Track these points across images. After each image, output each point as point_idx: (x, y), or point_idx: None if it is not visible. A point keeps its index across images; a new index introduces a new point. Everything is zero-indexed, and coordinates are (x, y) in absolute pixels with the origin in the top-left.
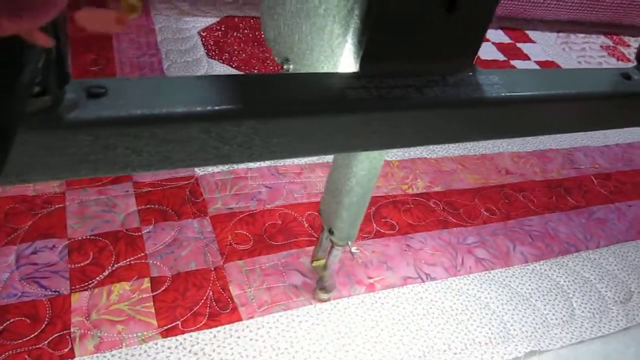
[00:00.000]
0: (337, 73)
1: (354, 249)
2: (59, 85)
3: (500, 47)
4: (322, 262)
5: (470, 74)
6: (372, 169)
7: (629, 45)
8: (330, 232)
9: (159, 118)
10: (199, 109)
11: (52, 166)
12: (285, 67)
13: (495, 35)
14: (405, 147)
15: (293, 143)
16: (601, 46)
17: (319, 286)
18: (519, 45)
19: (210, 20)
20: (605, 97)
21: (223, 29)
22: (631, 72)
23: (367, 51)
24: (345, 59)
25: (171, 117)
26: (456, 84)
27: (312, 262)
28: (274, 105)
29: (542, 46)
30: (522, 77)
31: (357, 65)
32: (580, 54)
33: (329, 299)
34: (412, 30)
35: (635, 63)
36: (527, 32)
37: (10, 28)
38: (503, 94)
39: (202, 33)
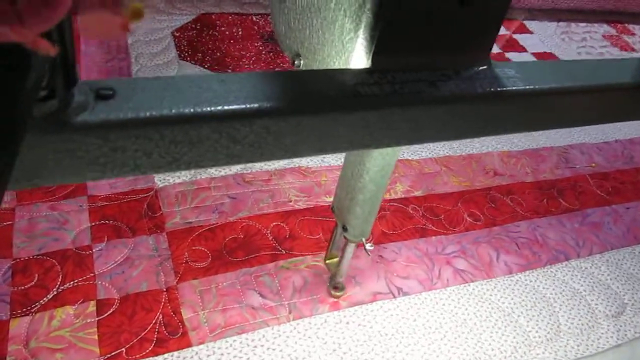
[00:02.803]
0: (349, 69)
1: (368, 246)
2: (66, 87)
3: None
4: (336, 259)
5: (486, 67)
6: (385, 166)
7: (633, 34)
8: (344, 228)
9: (168, 119)
10: (208, 109)
11: (62, 169)
12: (296, 62)
13: None
14: (421, 143)
15: (305, 141)
16: (603, 35)
17: (331, 284)
18: (515, 36)
19: (186, 19)
20: (627, 88)
21: (198, 27)
22: None
23: (379, 46)
24: (357, 54)
25: (180, 118)
26: (471, 77)
27: (325, 259)
28: (286, 104)
29: (540, 37)
30: (540, 69)
31: (369, 61)
32: (581, 45)
33: (341, 297)
34: (424, 24)
35: None
36: (524, 22)
37: (13, 37)
38: (520, 87)
39: (175, 33)
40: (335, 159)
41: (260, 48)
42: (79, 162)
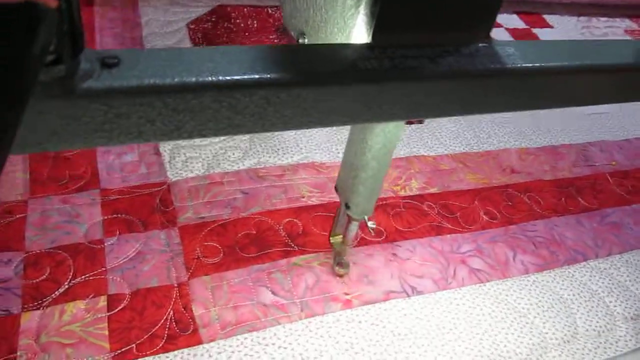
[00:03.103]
0: (349, 44)
1: (370, 224)
2: (73, 54)
3: (513, 33)
4: (340, 237)
5: (486, 45)
6: (387, 143)
7: None
8: (347, 207)
9: (171, 87)
10: (210, 78)
11: (68, 135)
12: (300, 41)
13: (508, 20)
14: (420, 118)
15: (305, 114)
16: (625, 30)
17: (336, 262)
18: (534, 30)
19: (201, 11)
20: (626, 69)
21: (213, 19)
22: None
23: (380, 22)
24: (358, 31)
25: (183, 87)
26: (471, 54)
27: (329, 238)
28: (286, 76)
29: (560, 31)
30: (541, 48)
31: (370, 37)
32: (603, 40)
33: (346, 274)
34: (425, 0)
35: None
36: (544, 16)
37: None
38: (520, 65)
39: (190, 25)
40: None
41: (276, 41)
42: (85, 127)
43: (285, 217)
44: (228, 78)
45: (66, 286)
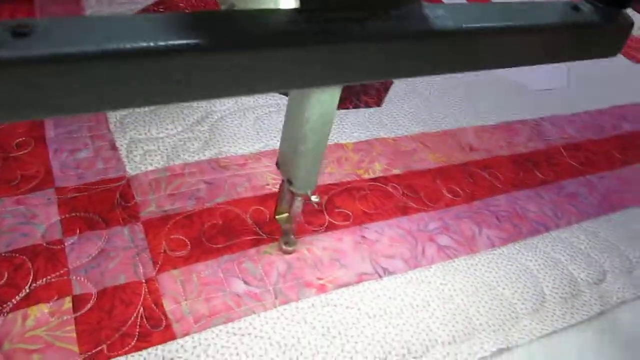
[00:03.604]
0: (275, 9)
1: (314, 198)
2: None
3: None
4: (285, 215)
5: (415, 6)
6: (324, 114)
7: None
8: (289, 182)
9: (87, 55)
10: (131, 45)
11: None
12: None
13: None
14: (351, 82)
15: (234, 80)
16: None
17: (283, 240)
18: (515, 1)
19: (148, 1)
20: (552, 29)
21: (161, 9)
22: (580, 5)
23: None
24: None
25: (100, 55)
26: (399, 17)
27: (274, 215)
28: (210, 41)
29: None
30: (470, 10)
31: (298, 1)
32: None
33: (293, 252)
34: None
35: None
36: None
37: None
38: (448, 26)
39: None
40: None
41: None
42: (0, 101)
43: (252, 206)
44: (151, 44)
45: (27, 290)
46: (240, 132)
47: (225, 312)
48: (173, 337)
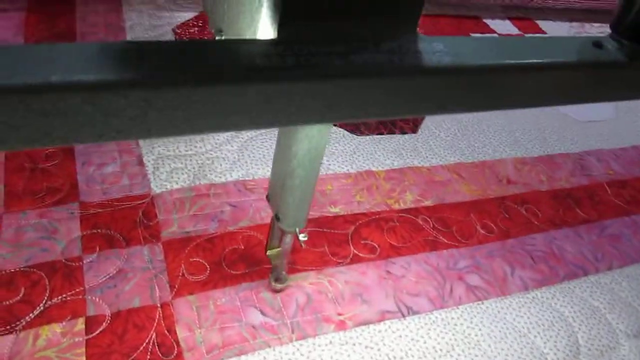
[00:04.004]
0: (249, 40)
1: (302, 237)
2: None
3: None
4: (277, 250)
5: (410, 40)
6: (312, 149)
7: None
8: (277, 217)
9: (32, 88)
10: (76, 78)
11: None
12: (217, 38)
13: (502, 26)
14: (333, 122)
15: (198, 117)
16: None
17: (273, 276)
18: (527, 36)
19: (187, 16)
20: (570, 67)
21: (200, 24)
22: (604, 41)
23: (285, 14)
24: (263, 26)
25: (46, 87)
26: (390, 50)
27: (265, 251)
28: (166, 74)
29: None
30: (474, 45)
31: (275, 32)
32: None
33: (282, 290)
34: None
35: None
36: (537, 21)
37: None
38: (445, 63)
39: (176, 30)
40: (341, 167)
41: None
42: None
43: None
44: (100, 77)
45: (41, 308)
46: (269, 154)
47: (239, 344)
48: None
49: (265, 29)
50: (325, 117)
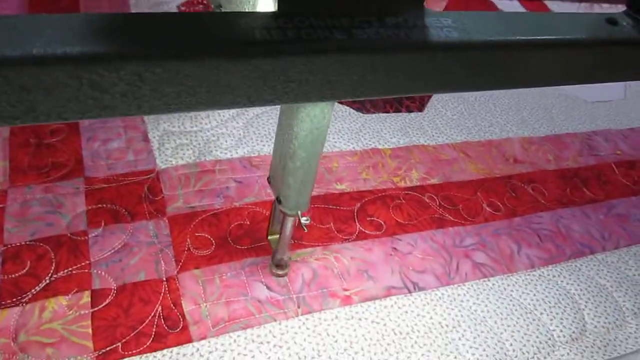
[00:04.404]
0: (249, 12)
1: (304, 220)
2: None
3: None
4: (277, 236)
5: (417, 15)
6: (314, 129)
7: None
8: (278, 200)
9: (11, 60)
10: (62, 50)
11: None
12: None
13: (509, 6)
14: (335, 99)
15: (191, 92)
16: None
17: (274, 262)
18: (538, 13)
19: None
20: (583, 45)
21: (205, 2)
22: (619, 18)
23: None
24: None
25: (28, 60)
26: (396, 25)
27: (267, 236)
28: (162, 47)
29: None
30: (484, 20)
31: (275, 3)
32: None
33: (285, 275)
34: None
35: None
36: (545, 2)
37: None
38: (453, 38)
39: (181, 7)
40: (347, 144)
41: None
42: None
43: None
44: (87, 49)
45: (47, 281)
46: (275, 130)
47: (245, 318)
48: (189, 340)
49: (264, 1)
50: (325, 94)
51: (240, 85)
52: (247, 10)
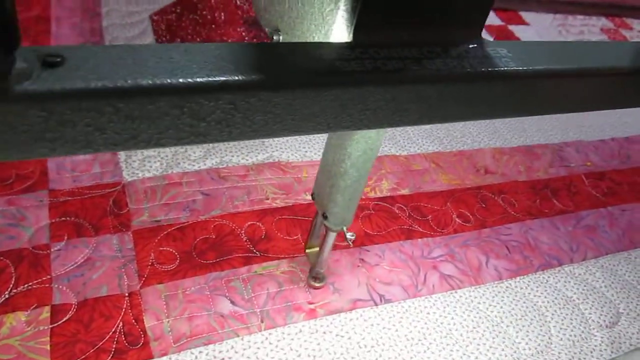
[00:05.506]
0: (327, 43)
1: (349, 235)
2: (5, 51)
3: (489, 29)
4: (316, 249)
5: (476, 45)
6: (368, 150)
7: (631, 28)
8: (324, 217)
9: (122, 91)
10: (168, 81)
11: (4, 144)
12: (274, 38)
13: None
14: (404, 126)
15: (278, 120)
16: (601, 29)
17: (311, 275)
18: (510, 27)
19: (165, 1)
20: (625, 73)
21: (178, 10)
22: None
23: (361, 19)
24: (337, 28)
25: (137, 90)
26: (459, 56)
27: (305, 249)
28: (256, 78)
29: (536, 29)
30: (535, 49)
31: (350, 35)
32: (578, 38)
33: (322, 287)
34: None
35: None
36: (520, 13)
37: None
38: (512, 67)
39: (153, 17)
40: (318, 154)
41: (244, 34)
42: (23, 136)
43: (248, 221)
44: (190, 80)
45: (6, 296)
46: (246, 141)
47: (207, 333)
48: (150, 357)
49: (338, 31)
50: (396, 120)
51: (322, 113)
52: (316, 37)
